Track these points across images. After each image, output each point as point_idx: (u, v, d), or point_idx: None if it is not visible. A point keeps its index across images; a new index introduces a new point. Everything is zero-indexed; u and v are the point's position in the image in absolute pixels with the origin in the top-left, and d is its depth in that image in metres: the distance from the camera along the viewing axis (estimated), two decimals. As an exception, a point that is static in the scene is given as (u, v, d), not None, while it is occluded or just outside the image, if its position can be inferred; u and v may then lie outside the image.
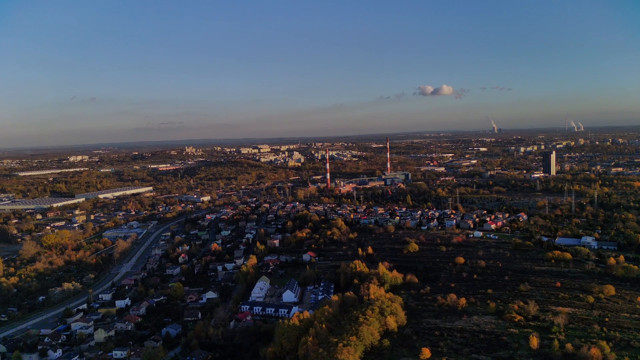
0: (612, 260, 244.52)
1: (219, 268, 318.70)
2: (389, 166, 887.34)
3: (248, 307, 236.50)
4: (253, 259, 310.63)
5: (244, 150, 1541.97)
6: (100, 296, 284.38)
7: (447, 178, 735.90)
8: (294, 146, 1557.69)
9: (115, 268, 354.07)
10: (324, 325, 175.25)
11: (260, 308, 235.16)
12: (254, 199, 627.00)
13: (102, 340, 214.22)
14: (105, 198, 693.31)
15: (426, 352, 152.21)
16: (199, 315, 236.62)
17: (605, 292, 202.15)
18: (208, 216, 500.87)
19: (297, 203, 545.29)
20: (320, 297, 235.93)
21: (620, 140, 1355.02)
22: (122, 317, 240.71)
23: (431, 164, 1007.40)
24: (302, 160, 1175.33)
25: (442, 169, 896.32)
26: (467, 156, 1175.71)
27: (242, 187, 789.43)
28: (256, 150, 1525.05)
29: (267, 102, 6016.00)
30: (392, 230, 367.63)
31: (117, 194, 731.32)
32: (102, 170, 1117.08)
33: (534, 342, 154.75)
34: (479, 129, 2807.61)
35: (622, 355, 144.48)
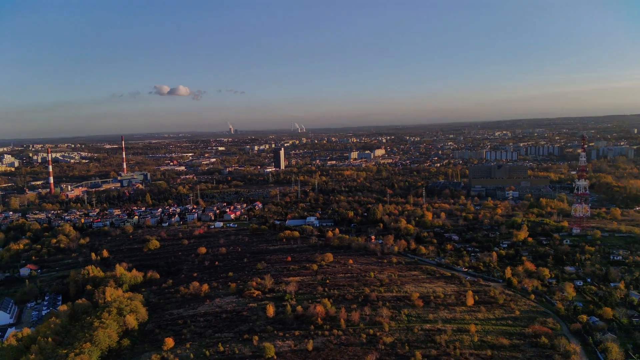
0: (330, 234, 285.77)
1: None
2: (125, 167, 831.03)
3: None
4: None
5: None
6: None
7: (187, 176, 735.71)
8: (6, 149, 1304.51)
9: None
10: (50, 339, 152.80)
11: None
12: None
13: None
14: None
15: (169, 342, 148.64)
16: None
17: (325, 259, 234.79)
18: None
19: (11, 213, 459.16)
20: (44, 312, 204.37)
21: (333, 139, 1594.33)
22: None
23: (171, 163, 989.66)
24: (17, 164, 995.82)
25: (183, 167, 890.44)
26: (206, 155, 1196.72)
27: None
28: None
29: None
30: (131, 230, 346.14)
31: None
32: None
33: (271, 311, 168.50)
34: (217, 130, 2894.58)
35: (339, 307, 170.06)
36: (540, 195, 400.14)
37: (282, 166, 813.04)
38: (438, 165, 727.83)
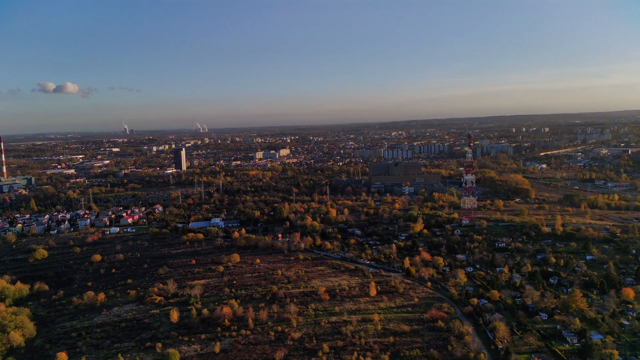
0: (236, 234, 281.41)
1: None
2: (5, 171, 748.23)
3: None
4: None
5: None
6: None
7: (78, 180, 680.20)
8: None
9: None
10: None
11: None
12: None
13: None
14: None
15: (62, 356, 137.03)
16: None
17: (232, 260, 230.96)
18: None
19: None
20: None
21: (237, 139, 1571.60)
22: None
23: (59, 166, 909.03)
24: None
25: (73, 171, 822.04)
26: (99, 157, 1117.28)
27: None
28: None
29: None
30: (14, 240, 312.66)
31: None
32: None
33: (175, 316, 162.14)
34: (110, 130, 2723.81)
35: (247, 307, 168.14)
36: (433, 190, 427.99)
37: (184, 167, 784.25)
38: (340, 164, 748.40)
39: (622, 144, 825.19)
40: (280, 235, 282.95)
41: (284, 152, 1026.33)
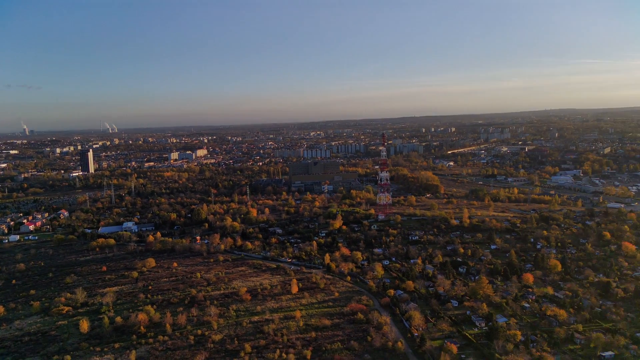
0: (151, 238, 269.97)
1: None
2: None
3: None
4: None
5: None
6: None
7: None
8: None
9: None
10: None
11: None
12: None
13: None
14: None
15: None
16: None
17: (147, 265, 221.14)
18: None
19: None
20: None
21: (150, 139, 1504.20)
22: None
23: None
24: None
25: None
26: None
27: None
28: None
29: None
30: None
31: None
32: None
33: (85, 326, 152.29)
34: (7, 130, 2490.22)
35: (164, 313, 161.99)
36: (351, 187, 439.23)
37: (92, 169, 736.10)
38: (260, 164, 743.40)
39: (520, 142, 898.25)
40: (198, 238, 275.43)
41: (201, 152, 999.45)
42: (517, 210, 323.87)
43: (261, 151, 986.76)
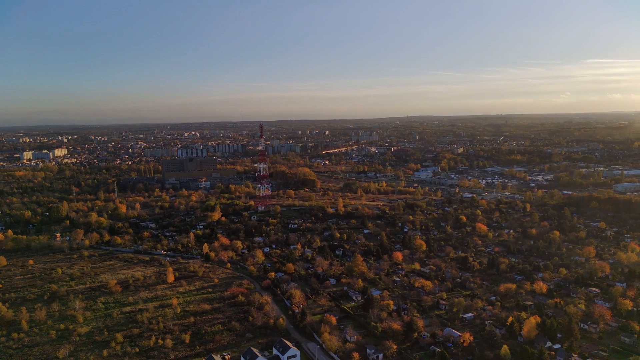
0: (1, 237, 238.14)
1: None
2: None
3: None
4: None
5: None
6: None
7: None
8: None
9: None
10: None
11: None
12: None
13: None
14: None
15: None
16: None
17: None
18: None
19: None
20: None
21: (1, 139, 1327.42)
22: None
23: None
24: None
25: None
26: None
27: None
28: None
29: None
30: None
31: None
32: None
33: None
34: None
35: (19, 310, 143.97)
36: (230, 183, 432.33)
37: None
38: (130, 163, 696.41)
39: (387, 144, 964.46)
40: (58, 235, 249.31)
41: (60, 152, 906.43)
42: (386, 200, 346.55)
43: (130, 150, 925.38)
